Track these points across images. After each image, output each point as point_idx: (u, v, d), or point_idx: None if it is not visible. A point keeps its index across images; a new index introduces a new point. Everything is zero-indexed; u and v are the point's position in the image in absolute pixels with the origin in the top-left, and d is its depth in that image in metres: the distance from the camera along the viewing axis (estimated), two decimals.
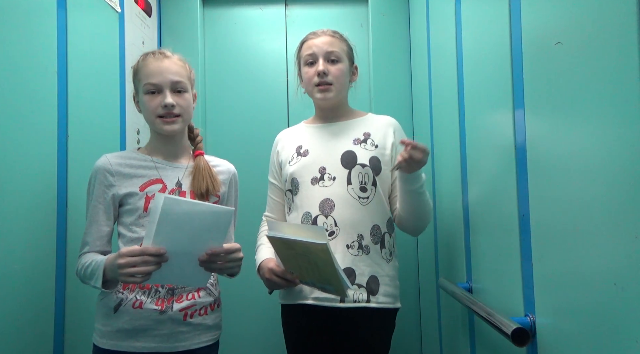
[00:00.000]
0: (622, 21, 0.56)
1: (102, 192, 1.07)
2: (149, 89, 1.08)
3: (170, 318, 1.06)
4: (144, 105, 1.09)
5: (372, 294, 1.20)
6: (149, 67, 1.08)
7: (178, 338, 1.07)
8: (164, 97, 1.07)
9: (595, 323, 0.62)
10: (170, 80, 1.08)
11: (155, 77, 1.07)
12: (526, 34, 0.83)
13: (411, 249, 1.87)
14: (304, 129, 1.38)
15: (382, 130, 1.31)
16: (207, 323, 1.13)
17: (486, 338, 1.06)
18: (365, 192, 1.24)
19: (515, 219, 0.88)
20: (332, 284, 1.08)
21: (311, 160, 1.27)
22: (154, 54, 1.11)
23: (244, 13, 2.03)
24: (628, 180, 0.55)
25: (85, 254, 1.06)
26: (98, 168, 1.08)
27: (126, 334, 1.04)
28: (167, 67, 1.09)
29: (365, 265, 1.21)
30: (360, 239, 1.21)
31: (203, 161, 1.17)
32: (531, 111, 0.81)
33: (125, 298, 1.05)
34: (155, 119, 1.09)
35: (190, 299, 1.09)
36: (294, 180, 1.28)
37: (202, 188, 1.13)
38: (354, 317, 1.20)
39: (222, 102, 1.99)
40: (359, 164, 1.24)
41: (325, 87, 1.27)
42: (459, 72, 1.22)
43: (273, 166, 1.39)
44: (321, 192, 1.23)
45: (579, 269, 0.66)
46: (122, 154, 1.13)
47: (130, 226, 1.08)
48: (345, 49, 1.30)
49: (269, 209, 1.40)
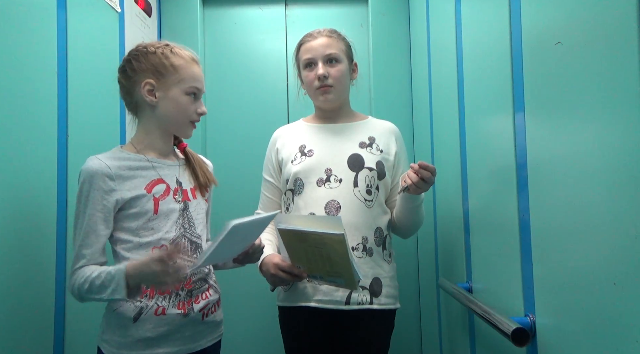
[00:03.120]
0: (622, 21, 0.56)
1: (101, 199, 0.97)
2: (193, 92, 1.09)
3: (191, 319, 1.05)
4: (180, 105, 1.08)
5: (375, 296, 1.21)
6: (195, 71, 1.09)
7: (197, 338, 1.07)
8: (200, 105, 1.11)
9: (595, 323, 0.62)
10: (204, 91, 1.14)
11: (200, 82, 1.11)
12: (526, 34, 0.83)
13: (411, 249, 1.87)
14: (305, 128, 1.36)
15: (386, 136, 1.32)
16: (217, 319, 1.14)
17: (486, 338, 1.06)
18: (370, 195, 1.24)
19: (515, 219, 0.88)
20: (342, 276, 1.06)
21: (316, 161, 1.26)
22: (194, 58, 1.11)
23: (244, 13, 2.02)
24: (628, 180, 0.55)
25: (83, 268, 0.95)
26: (94, 173, 0.97)
27: (149, 342, 1.00)
28: (203, 75, 1.14)
29: (368, 267, 1.21)
30: (364, 241, 1.22)
31: (192, 152, 1.19)
32: (531, 110, 0.81)
33: (145, 306, 1.00)
34: (189, 123, 1.10)
35: (205, 299, 1.09)
36: (297, 180, 1.26)
37: (209, 177, 1.17)
38: (357, 318, 1.20)
39: (222, 102, 1.99)
40: (366, 167, 1.24)
41: (326, 90, 1.27)
42: (459, 72, 1.22)
43: (270, 163, 1.36)
44: (327, 193, 1.22)
45: (579, 269, 0.66)
46: (114, 154, 1.03)
47: (137, 230, 1.01)
48: (343, 49, 1.30)
49: (262, 206, 1.38)
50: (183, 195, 1.10)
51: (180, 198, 1.09)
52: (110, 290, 0.91)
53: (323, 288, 1.20)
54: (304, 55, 1.29)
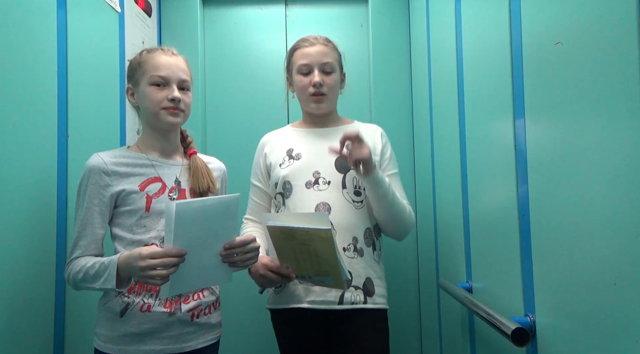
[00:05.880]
0: (622, 21, 0.56)
1: (97, 194, 1.03)
2: (156, 81, 1.07)
3: (178, 319, 1.06)
4: (147, 96, 1.07)
5: (369, 296, 1.22)
6: (158, 60, 1.08)
7: (185, 338, 1.07)
8: (171, 91, 1.07)
9: (595, 323, 0.62)
10: (179, 77, 1.09)
11: (164, 70, 1.07)
12: (526, 34, 0.83)
13: (411, 249, 1.87)
14: (293, 133, 1.38)
15: (371, 135, 1.34)
16: (211, 321, 1.13)
17: (486, 338, 1.06)
18: (359, 196, 1.26)
19: (515, 219, 0.88)
20: (330, 275, 1.08)
21: (304, 164, 1.28)
22: (162, 49, 1.12)
23: (244, 13, 2.02)
24: (628, 180, 0.55)
25: (79, 258, 1.02)
26: (92, 168, 1.04)
27: (133, 338, 1.03)
28: (176, 63, 1.10)
29: (360, 267, 1.22)
30: (355, 241, 1.23)
31: (199, 160, 1.18)
32: (531, 111, 0.81)
33: (132, 302, 1.04)
34: (160, 110, 1.07)
35: (196, 300, 1.09)
36: (286, 183, 1.28)
37: (203, 186, 1.13)
38: (352, 319, 1.20)
39: (222, 102, 1.99)
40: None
41: (319, 98, 1.29)
42: (459, 72, 1.22)
43: (258, 169, 1.38)
44: (317, 196, 1.24)
45: (579, 269, 0.66)
46: (115, 152, 1.09)
47: (131, 227, 1.05)
48: (337, 58, 1.32)
49: (250, 211, 1.39)
50: (180, 194, 1.11)
51: (176, 196, 1.10)
52: (102, 280, 0.96)
53: (316, 289, 1.20)
54: (299, 60, 1.30)
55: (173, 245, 0.91)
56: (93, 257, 1.01)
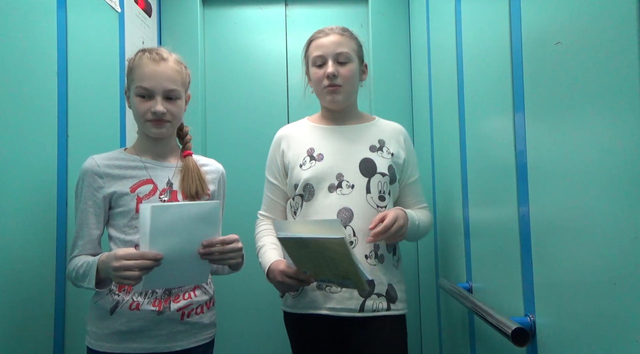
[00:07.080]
0: (622, 21, 0.56)
1: (91, 195, 1.05)
2: (140, 92, 1.05)
3: (168, 318, 1.06)
4: (134, 106, 1.08)
5: (392, 302, 1.19)
6: (143, 69, 1.05)
7: (175, 337, 1.07)
8: (154, 104, 1.05)
9: (595, 323, 0.62)
10: (164, 88, 1.06)
11: (147, 81, 1.05)
12: (526, 34, 0.83)
13: (411, 249, 1.87)
14: (312, 129, 1.31)
15: (395, 138, 1.29)
16: (203, 321, 1.13)
17: (486, 338, 1.06)
18: (383, 201, 1.21)
19: (515, 219, 0.88)
20: (350, 278, 1.05)
21: (327, 166, 1.22)
22: (150, 53, 1.08)
23: (244, 13, 2.02)
24: (628, 180, 0.55)
25: (76, 257, 1.05)
26: (86, 170, 1.06)
27: (123, 336, 1.03)
28: (162, 71, 1.06)
29: (382, 274, 1.19)
30: (377, 248, 1.20)
31: (192, 162, 1.15)
32: (531, 111, 0.81)
33: (121, 300, 1.05)
34: (145, 122, 1.07)
35: (187, 299, 1.09)
36: (307, 186, 1.22)
37: (192, 190, 1.11)
38: (373, 325, 1.17)
39: (222, 102, 1.99)
40: (378, 172, 1.21)
41: (334, 88, 1.22)
42: (459, 72, 1.22)
43: (274, 165, 1.31)
44: (339, 200, 1.19)
45: (579, 270, 0.66)
46: (110, 154, 1.11)
47: (123, 228, 1.07)
48: (355, 48, 1.25)
49: (266, 208, 1.34)
50: (171, 195, 1.11)
51: (167, 198, 1.10)
52: (87, 280, 0.99)
53: (335, 296, 1.17)
54: (313, 52, 1.24)
55: (149, 247, 0.91)
56: (86, 257, 1.04)
